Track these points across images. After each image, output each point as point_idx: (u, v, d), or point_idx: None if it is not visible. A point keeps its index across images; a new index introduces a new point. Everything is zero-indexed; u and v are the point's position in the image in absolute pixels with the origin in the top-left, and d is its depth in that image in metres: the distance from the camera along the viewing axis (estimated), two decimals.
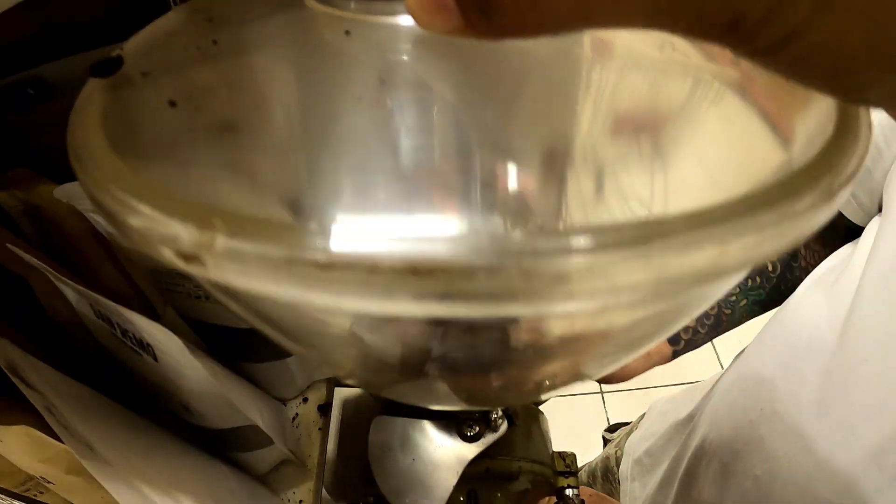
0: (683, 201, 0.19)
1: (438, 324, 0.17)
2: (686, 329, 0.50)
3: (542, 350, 0.16)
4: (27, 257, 0.27)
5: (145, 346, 0.27)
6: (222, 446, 0.35)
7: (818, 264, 0.50)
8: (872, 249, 0.38)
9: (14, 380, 0.25)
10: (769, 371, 0.44)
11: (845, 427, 0.36)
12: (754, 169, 0.14)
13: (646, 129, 0.19)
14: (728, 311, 0.51)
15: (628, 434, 0.68)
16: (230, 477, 0.33)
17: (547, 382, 0.21)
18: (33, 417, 0.27)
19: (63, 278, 0.26)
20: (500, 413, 0.33)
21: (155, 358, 0.27)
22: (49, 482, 0.32)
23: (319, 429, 0.45)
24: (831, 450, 0.36)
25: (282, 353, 0.42)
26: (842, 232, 0.49)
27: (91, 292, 0.24)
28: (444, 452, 0.33)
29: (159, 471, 0.25)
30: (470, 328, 0.17)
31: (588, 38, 0.17)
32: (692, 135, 0.19)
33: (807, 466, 0.38)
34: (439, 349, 0.20)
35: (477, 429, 0.33)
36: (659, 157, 0.19)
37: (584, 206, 0.20)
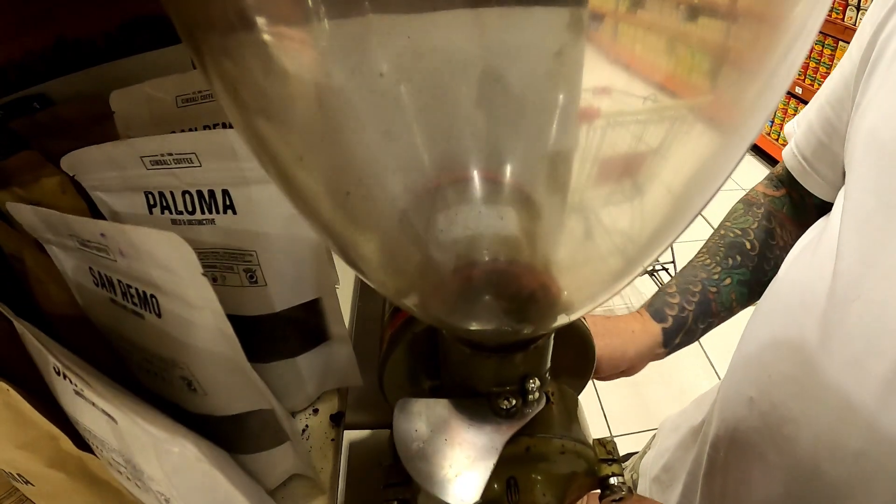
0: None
1: None
2: (671, 305, 0.50)
3: None
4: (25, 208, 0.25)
5: (148, 300, 0.25)
6: (227, 443, 0.32)
7: (794, 242, 0.50)
8: (844, 206, 0.40)
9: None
10: (769, 335, 0.44)
11: (853, 364, 0.36)
12: None
13: (628, 173, 0.20)
14: (713, 290, 0.50)
15: (641, 456, 0.65)
16: (237, 467, 0.29)
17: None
18: (13, 383, 0.24)
19: (63, 215, 0.24)
20: (536, 383, 0.30)
21: (159, 312, 0.24)
22: (29, 482, 0.28)
23: (332, 440, 0.41)
24: (846, 392, 0.36)
25: (291, 351, 0.39)
26: (812, 210, 0.52)
27: (88, 218, 0.22)
28: (479, 430, 0.29)
29: (156, 415, 0.21)
30: None
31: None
32: (665, 166, 0.20)
33: (825, 418, 0.37)
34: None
35: (514, 402, 0.29)
36: (638, 193, 0.21)
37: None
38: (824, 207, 0.50)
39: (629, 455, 0.73)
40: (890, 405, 0.34)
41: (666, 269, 1.73)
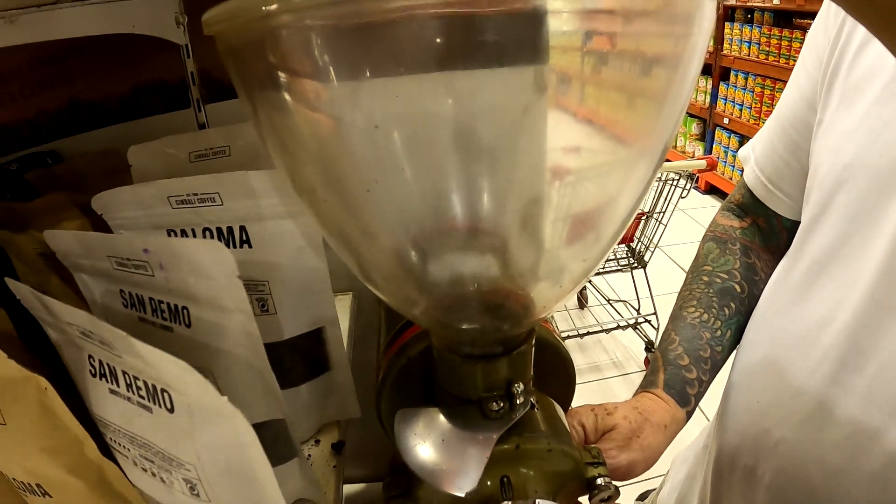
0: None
1: None
2: (691, 383, 0.50)
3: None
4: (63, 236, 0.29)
5: (179, 312, 0.28)
6: None
7: (772, 271, 0.53)
8: (817, 233, 0.42)
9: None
10: (755, 365, 0.46)
11: (866, 398, 0.37)
12: None
13: (593, 226, 0.26)
14: (719, 349, 0.52)
15: (657, 493, 0.66)
16: None
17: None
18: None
19: (105, 235, 0.27)
20: (521, 387, 0.33)
21: (189, 322, 0.28)
22: (47, 492, 0.30)
23: (334, 467, 0.43)
24: (837, 405, 0.38)
25: (296, 379, 0.41)
26: (781, 233, 0.53)
27: (131, 234, 0.26)
28: (473, 430, 0.32)
29: None
30: None
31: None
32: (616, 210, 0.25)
33: (811, 434, 0.39)
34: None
35: (502, 405, 0.33)
36: (597, 240, 0.26)
37: None
38: (793, 228, 0.50)
39: (647, 493, 0.74)
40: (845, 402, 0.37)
41: (648, 321, 1.76)
